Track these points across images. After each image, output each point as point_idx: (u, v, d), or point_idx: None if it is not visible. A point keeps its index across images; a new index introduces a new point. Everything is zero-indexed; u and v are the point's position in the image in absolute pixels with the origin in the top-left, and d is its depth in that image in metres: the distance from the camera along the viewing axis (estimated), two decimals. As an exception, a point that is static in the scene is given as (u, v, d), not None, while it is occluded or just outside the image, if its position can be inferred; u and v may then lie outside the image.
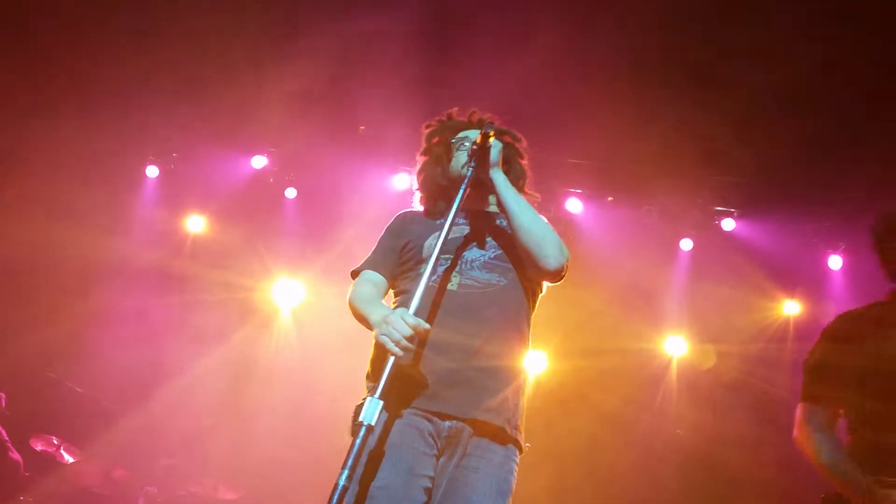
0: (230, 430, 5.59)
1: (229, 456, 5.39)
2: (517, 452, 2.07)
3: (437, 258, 1.87)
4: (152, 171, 6.14)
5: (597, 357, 5.92)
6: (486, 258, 2.12)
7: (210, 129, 5.73)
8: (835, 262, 6.02)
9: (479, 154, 2.07)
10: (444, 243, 1.89)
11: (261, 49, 4.86)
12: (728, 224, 6.05)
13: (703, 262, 6.09)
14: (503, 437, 2.01)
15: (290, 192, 6.17)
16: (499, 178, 2.10)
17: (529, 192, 2.38)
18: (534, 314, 2.21)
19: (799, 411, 2.18)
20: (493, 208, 2.27)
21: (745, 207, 6.00)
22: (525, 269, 2.11)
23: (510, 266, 2.11)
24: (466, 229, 2.16)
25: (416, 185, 2.38)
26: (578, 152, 5.81)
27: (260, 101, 5.18)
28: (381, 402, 1.70)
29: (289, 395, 5.60)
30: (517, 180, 2.29)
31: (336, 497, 1.58)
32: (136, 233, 6.04)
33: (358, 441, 1.65)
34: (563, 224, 5.84)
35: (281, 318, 6.14)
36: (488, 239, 2.16)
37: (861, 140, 4.78)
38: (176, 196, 6.14)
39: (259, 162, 6.12)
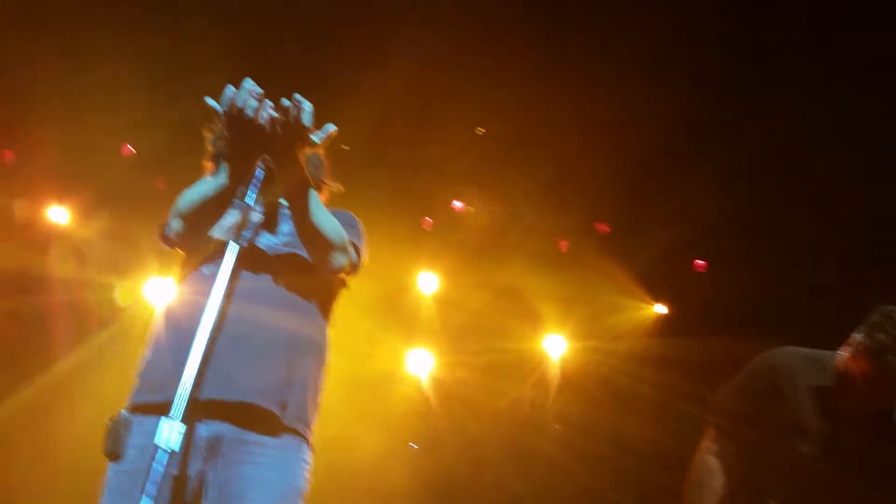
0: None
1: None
2: (305, 447, 1.91)
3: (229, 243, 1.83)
4: None
5: (480, 356, 6.04)
6: (276, 245, 2.07)
7: None
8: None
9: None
10: (237, 228, 1.86)
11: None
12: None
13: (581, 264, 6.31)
14: (277, 425, 1.82)
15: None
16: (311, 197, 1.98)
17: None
18: (335, 304, 2.19)
19: (708, 436, 2.44)
20: None
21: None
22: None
23: (299, 252, 2.06)
24: (261, 217, 2.12)
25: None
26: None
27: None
28: (184, 426, 1.56)
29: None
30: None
31: None
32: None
33: (157, 465, 1.50)
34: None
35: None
36: (281, 228, 2.12)
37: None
38: None
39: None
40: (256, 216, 2.11)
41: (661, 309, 6.45)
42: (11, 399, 5.19)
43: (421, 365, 6.26)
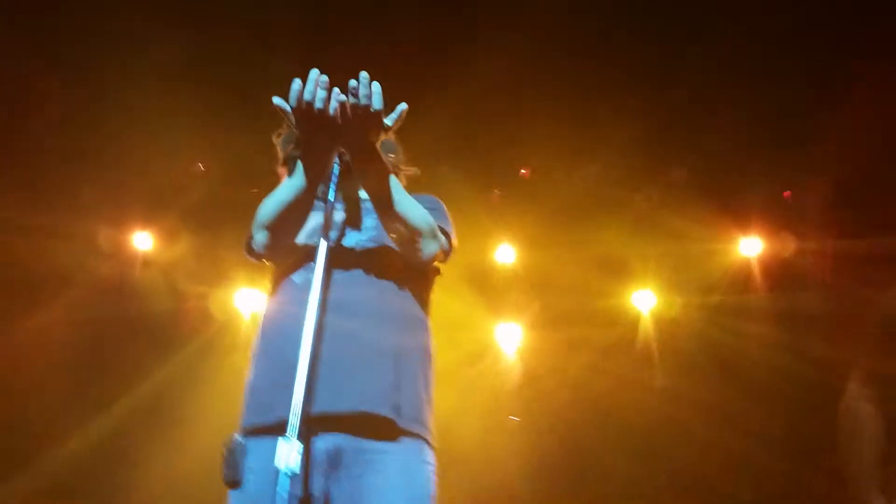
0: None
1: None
2: (426, 448, 1.83)
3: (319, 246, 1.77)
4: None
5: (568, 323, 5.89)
6: (363, 242, 2.00)
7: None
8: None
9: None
10: (324, 229, 1.78)
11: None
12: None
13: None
14: (393, 430, 1.77)
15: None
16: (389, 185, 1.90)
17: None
18: (431, 293, 2.12)
19: (856, 379, 2.14)
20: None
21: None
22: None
23: (389, 247, 1.98)
24: (343, 214, 2.04)
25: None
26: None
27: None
28: (301, 444, 1.51)
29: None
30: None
31: None
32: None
33: (281, 490, 1.46)
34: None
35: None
36: (365, 223, 2.03)
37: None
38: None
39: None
40: (339, 214, 2.03)
41: (754, 245, 5.89)
42: (114, 413, 5.44)
43: (510, 339, 6.19)
